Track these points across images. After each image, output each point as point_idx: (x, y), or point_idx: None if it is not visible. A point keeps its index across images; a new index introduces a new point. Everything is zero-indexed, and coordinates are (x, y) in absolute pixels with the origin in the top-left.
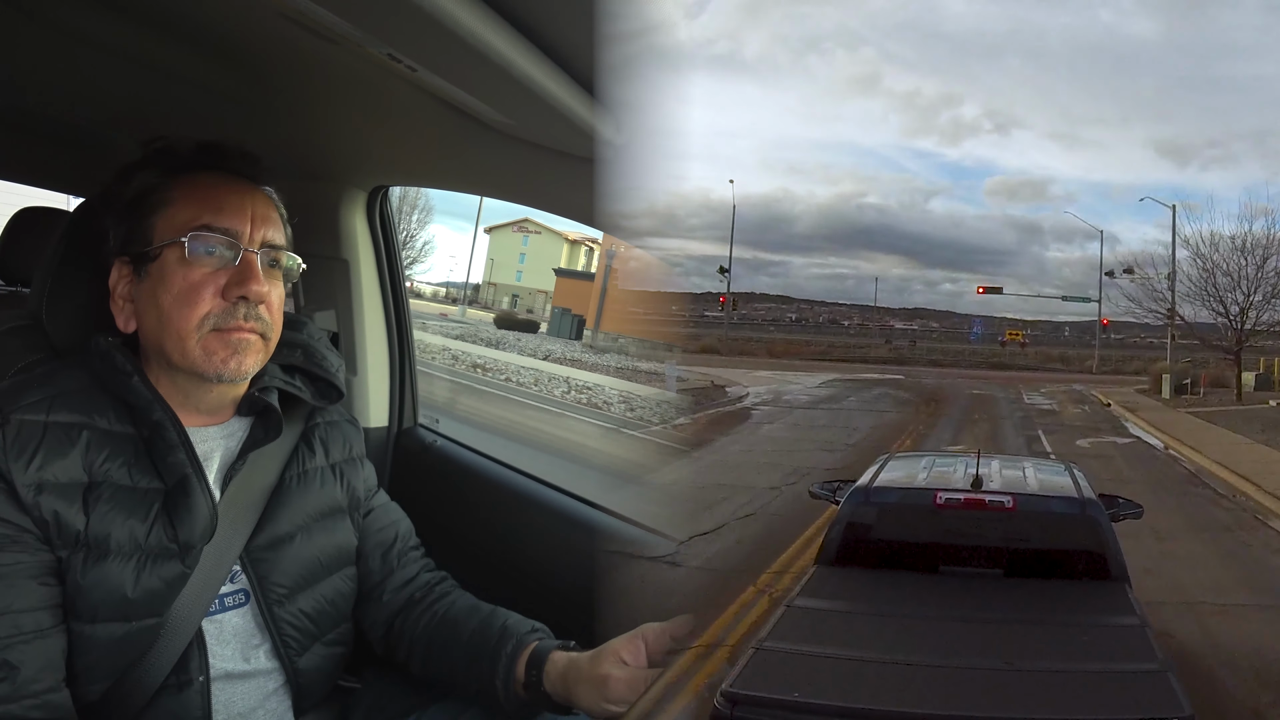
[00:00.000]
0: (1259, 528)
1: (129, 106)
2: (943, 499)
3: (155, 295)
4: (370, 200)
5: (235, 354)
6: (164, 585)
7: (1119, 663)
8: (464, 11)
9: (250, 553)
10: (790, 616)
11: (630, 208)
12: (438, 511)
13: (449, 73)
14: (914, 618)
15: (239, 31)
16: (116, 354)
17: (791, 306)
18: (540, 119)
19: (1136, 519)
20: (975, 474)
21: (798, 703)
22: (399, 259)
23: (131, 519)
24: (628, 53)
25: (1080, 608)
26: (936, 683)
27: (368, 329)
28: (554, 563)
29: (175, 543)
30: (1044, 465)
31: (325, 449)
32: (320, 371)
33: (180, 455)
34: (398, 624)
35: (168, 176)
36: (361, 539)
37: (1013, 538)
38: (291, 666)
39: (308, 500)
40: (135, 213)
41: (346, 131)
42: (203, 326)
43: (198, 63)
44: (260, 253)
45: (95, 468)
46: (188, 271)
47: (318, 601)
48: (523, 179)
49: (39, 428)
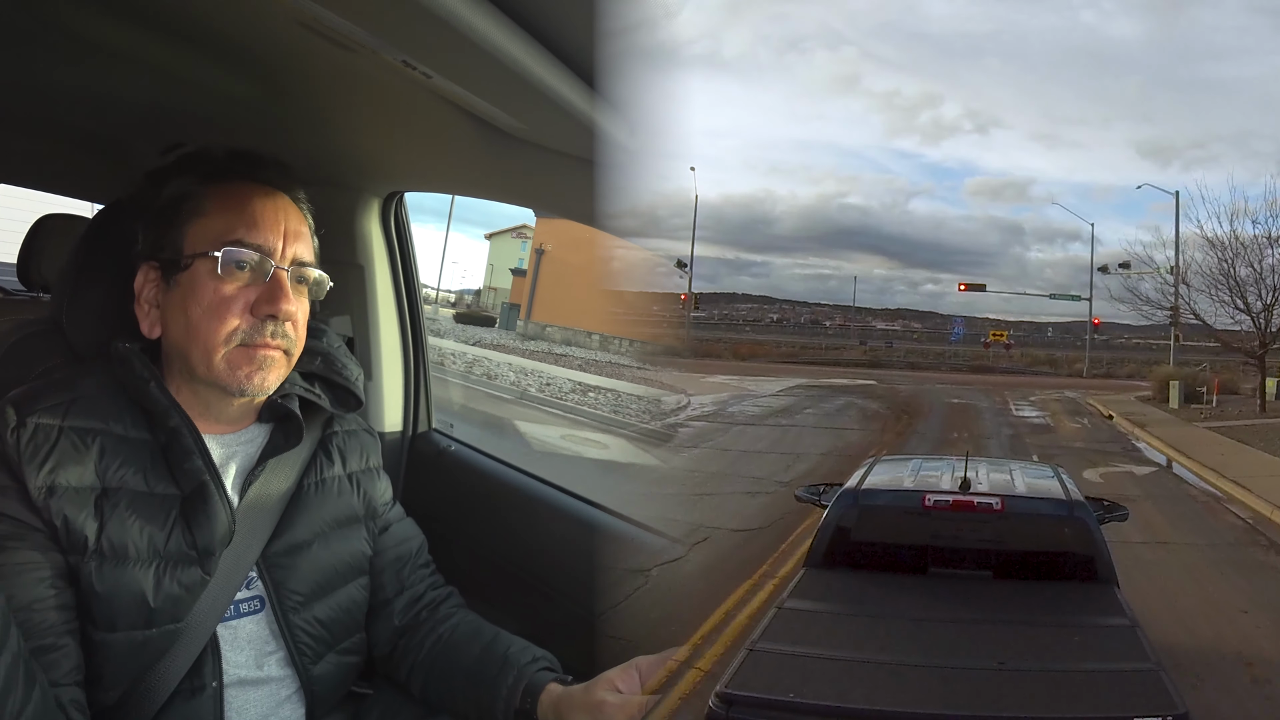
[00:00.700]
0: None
1: (149, 114)
2: (931, 501)
3: (184, 305)
4: (385, 206)
5: (259, 370)
6: (185, 591)
7: (1112, 662)
8: (479, 18)
9: (267, 559)
10: (782, 618)
11: (640, 208)
12: (451, 516)
13: (463, 78)
14: (905, 619)
15: (257, 40)
16: (135, 360)
17: (774, 307)
18: (553, 124)
19: (1122, 521)
20: (963, 476)
21: (792, 703)
22: (414, 264)
23: (149, 525)
24: (637, 55)
25: (1070, 609)
26: (930, 683)
27: (382, 334)
28: (566, 567)
29: (194, 549)
30: (1031, 468)
31: (343, 458)
32: (340, 379)
33: (197, 461)
34: (401, 644)
35: (201, 184)
36: (378, 553)
37: (1001, 540)
38: (305, 674)
39: (325, 508)
40: (167, 219)
41: (362, 138)
42: (230, 341)
43: (216, 70)
44: (290, 270)
45: (110, 474)
46: (219, 285)
47: (333, 610)
48: (536, 183)
49: (54, 431)
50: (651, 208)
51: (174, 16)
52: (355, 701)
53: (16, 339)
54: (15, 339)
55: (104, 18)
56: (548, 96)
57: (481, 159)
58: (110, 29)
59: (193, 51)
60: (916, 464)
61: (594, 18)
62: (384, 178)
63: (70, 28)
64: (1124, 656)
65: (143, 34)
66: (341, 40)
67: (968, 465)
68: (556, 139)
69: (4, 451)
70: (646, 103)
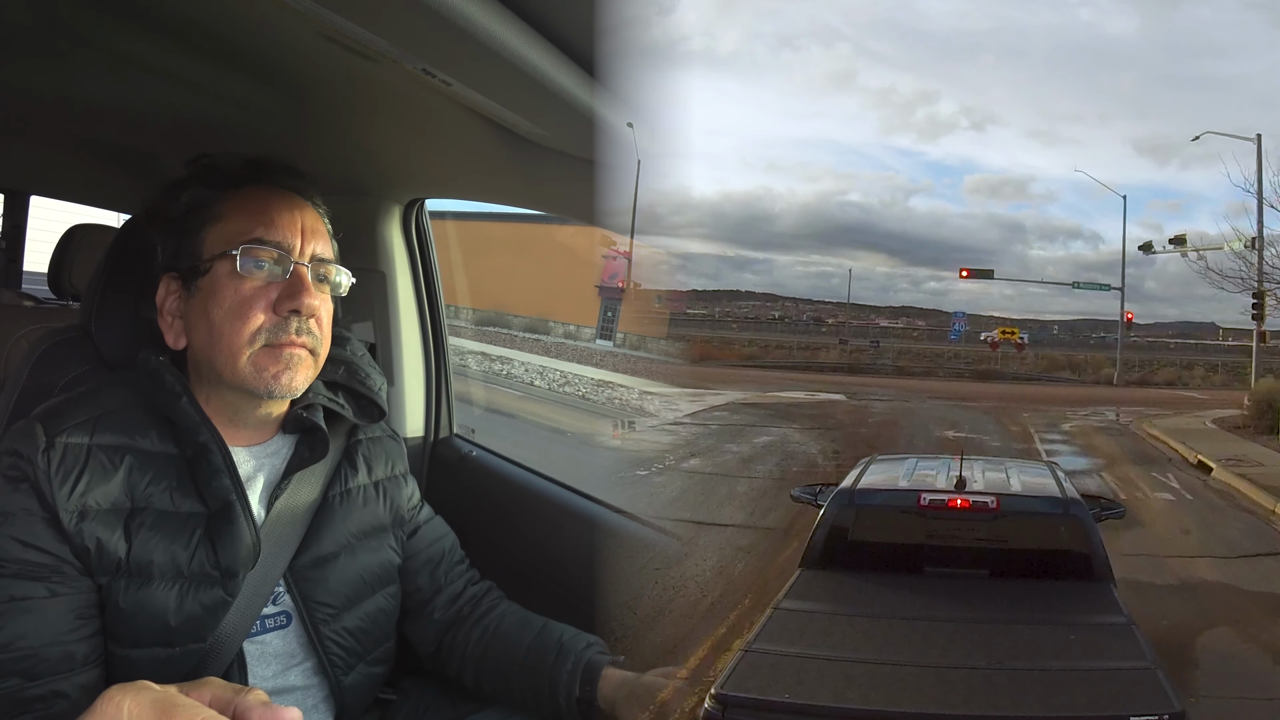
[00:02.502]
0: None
1: (175, 127)
2: (927, 500)
3: (206, 310)
4: (406, 212)
5: (286, 369)
6: (205, 611)
7: (1108, 660)
8: (498, 25)
9: (294, 572)
10: (778, 619)
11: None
12: (473, 521)
13: (483, 86)
14: (901, 619)
15: (281, 52)
16: (166, 373)
17: (776, 304)
18: (573, 130)
19: (1118, 519)
20: (959, 475)
21: (789, 704)
22: (435, 270)
23: (174, 544)
24: (641, 51)
25: (1066, 607)
26: (926, 683)
27: (404, 340)
28: (589, 573)
29: (217, 569)
30: (1027, 466)
31: (368, 466)
32: (363, 389)
33: (225, 481)
34: (448, 639)
35: (216, 192)
36: (410, 556)
37: (997, 539)
38: (336, 685)
39: (351, 519)
40: (184, 229)
41: (384, 146)
42: (255, 341)
43: (241, 83)
44: (310, 266)
45: (138, 492)
46: (239, 285)
47: (362, 620)
48: (551, 187)
49: (83, 451)
50: (651, 205)
51: (200, 31)
52: (381, 707)
53: (47, 346)
54: (46, 346)
55: (132, 33)
56: (563, 100)
57: (500, 164)
58: (138, 44)
59: (218, 64)
60: (912, 463)
61: (594, 14)
62: (405, 184)
63: (98, 43)
64: (1120, 655)
65: (169, 48)
66: (363, 50)
67: (963, 464)
68: (571, 142)
69: (35, 476)
70: (654, 103)
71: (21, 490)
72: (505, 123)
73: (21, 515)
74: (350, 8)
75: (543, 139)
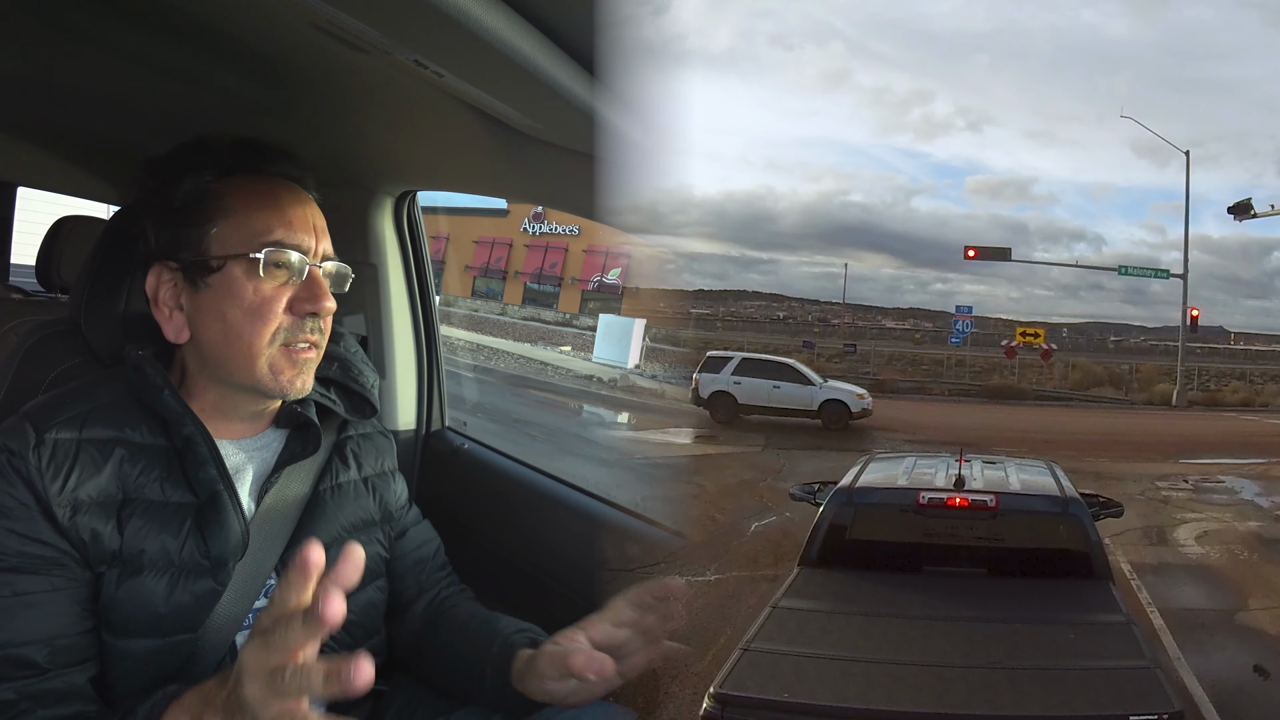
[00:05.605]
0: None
1: (163, 118)
2: (925, 499)
3: (219, 308)
4: (398, 205)
5: (301, 373)
6: (195, 601)
7: (1107, 659)
8: (490, 16)
9: (286, 565)
10: (777, 618)
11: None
12: (465, 514)
13: (475, 77)
14: (900, 618)
15: (270, 41)
16: (148, 367)
17: (782, 305)
18: (566, 122)
19: (1117, 518)
20: (957, 474)
21: (788, 703)
22: (426, 263)
23: (164, 534)
24: (640, 47)
25: (1065, 606)
26: (925, 681)
27: (396, 332)
28: (580, 566)
29: (207, 558)
30: (1026, 465)
31: (359, 462)
32: (356, 386)
33: (211, 471)
34: (420, 643)
35: (217, 181)
36: (398, 558)
37: (996, 537)
38: None
39: (342, 513)
40: (186, 219)
41: (375, 138)
42: (273, 343)
43: (230, 73)
44: (322, 266)
45: (130, 483)
46: (259, 285)
47: (353, 613)
48: (546, 180)
49: (72, 445)
50: (653, 204)
51: (187, 20)
52: (373, 699)
53: (36, 339)
54: (34, 339)
55: (121, 23)
56: (557, 93)
57: (493, 156)
58: (127, 34)
59: (206, 54)
60: (911, 462)
61: (590, 8)
62: (397, 177)
63: (82, 31)
64: (1119, 653)
65: (156, 38)
66: (354, 41)
67: (962, 463)
68: (567, 135)
69: (26, 472)
70: (650, 97)
71: (16, 486)
72: (499, 115)
73: (18, 509)
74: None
75: (538, 132)
